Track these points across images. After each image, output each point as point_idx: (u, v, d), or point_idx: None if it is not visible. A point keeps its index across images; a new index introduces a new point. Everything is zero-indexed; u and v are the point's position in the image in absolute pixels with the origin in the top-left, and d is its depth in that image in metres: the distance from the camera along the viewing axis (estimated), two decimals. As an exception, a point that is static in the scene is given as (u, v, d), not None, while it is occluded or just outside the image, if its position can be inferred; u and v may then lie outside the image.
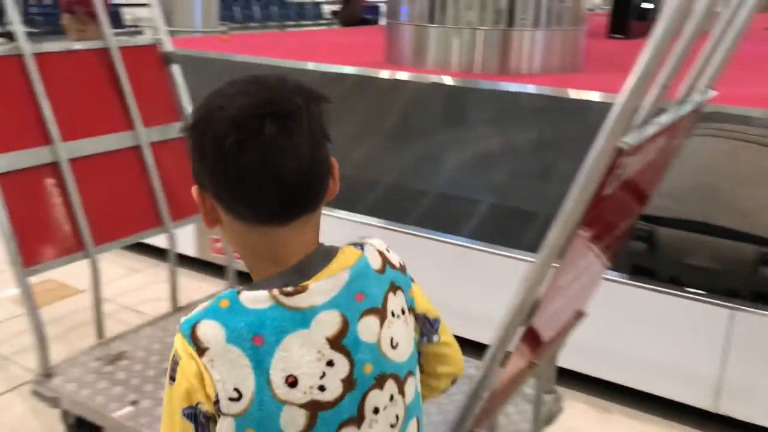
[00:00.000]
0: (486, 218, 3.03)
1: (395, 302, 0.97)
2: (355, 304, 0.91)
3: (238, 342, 0.86)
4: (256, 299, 0.88)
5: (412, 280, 1.04)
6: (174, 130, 2.62)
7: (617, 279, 2.52)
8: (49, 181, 2.24)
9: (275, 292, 0.88)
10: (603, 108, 3.52)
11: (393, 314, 0.96)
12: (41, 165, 2.22)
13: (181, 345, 0.88)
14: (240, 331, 0.86)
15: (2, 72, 2.18)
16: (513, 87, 3.75)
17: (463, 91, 3.92)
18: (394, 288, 0.97)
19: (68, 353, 2.31)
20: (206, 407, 0.88)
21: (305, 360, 0.87)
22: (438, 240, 2.87)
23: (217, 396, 0.86)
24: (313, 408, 0.88)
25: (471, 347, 2.73)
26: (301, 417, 0.88)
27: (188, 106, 2.67)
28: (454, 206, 3.14)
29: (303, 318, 0.88)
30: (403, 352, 0.97)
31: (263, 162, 0.84)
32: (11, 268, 2.12)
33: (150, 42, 2.62)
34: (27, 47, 2.22)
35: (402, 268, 1.02)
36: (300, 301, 0.88)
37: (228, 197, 0.89)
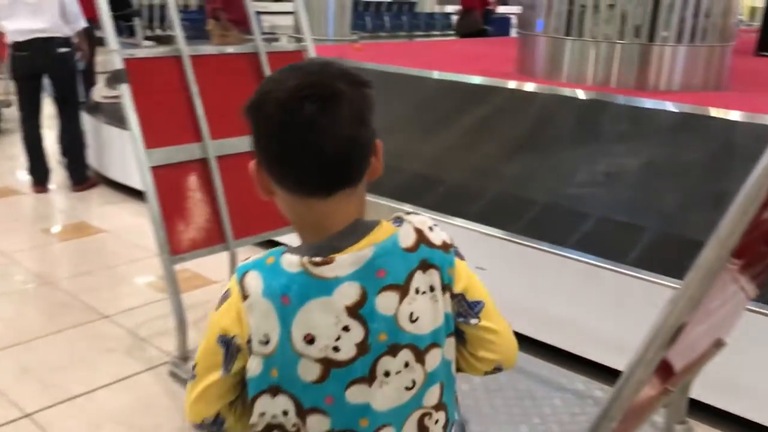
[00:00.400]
0: (615, 236, 2.95)
1: (422, 280, 1.02)
2: (376, 280, 0.99)
3: (271, 297, 0.98)
4: (290, 263, 0.98)
5: (460, 257, 1.08)
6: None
7: (760, 309, 2.39)
8: (197, 176, 2.39)
9: (305, 260, 0.97)
10: (749, 129, 3.37)
11: (417, 291, 1.02)
12: (191, 160, 2.37)
13: (233, 285, 1.01)
14: (273, 288, 0.98)
15: (164, 71, 2.35)
16: (651, 103, 3.63)
17: (598, 105, 3.83)
18: (425, 266, 1.02)
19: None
20: (239, 341, 1.00)
21: (324, 323, 0.97)
22: (563, 256, 2.82)
23: (250, 337, 0.99)
24: (327, 364, 0.99)
25: (594, 368, 2.68)
26: (315, 369, 0.99)
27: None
28: (581, 222, 3.08)
29: (327, 286, 0.97)
30: (424, 326, 1.03)
31: (303, 140, 0.93)
32: (159, 255, 2.27)
33: (296, 49, 2.74)
34: (185, 49, 2.38)
35: (444, 247, 1.05)
36: (326, 271, 0.97)
37: (277, 172, 0.99)
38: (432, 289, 1.03)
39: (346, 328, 0.98)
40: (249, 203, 2.54)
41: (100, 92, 5.16)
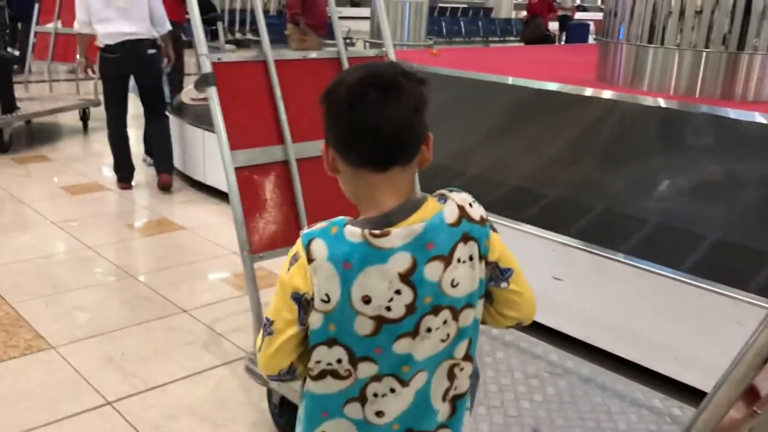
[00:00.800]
0: (699, 251, 2.86)
1: (464, 251, 1.17)
2: (425, 251, 1.14)
3: (334, 262, 1.12)
4: (352, 234, 1.13)
5: (494, 231, 1.23)
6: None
7: None
8: (278, 178, 2.44)
9: (366, 232, 1.12)
10: None
11: (459, 260, 1.17)
12: (273, 162, 2.42)
13: (300, 249, 1.15)
14: (337, 254, 1.12)
15: (249, 75, 2.41)
16: (739, 114, 3.50)
17: (682, 115, 3.73)
18: (466, 238, 1.17)
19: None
20: (308, 297, 1.15)
21: (379, 287, 1.13)
22: (643, 269, 2.75)
23: (313, 295, 1.14)
24: (379, 321, 1.15)
25: (671, 385, 2.61)
26: (369, 325, 1.15)
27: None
28: (663, 235, 3.00)
29: (383, 255, 1.12)
30: (462, 290, 1.19)
31: (365, 120, 1.10)
32: (238, 253, 2.33)
33: (377, 54, 2.76)
34: (271, 54, 2.44)
35: (482, 221, 1.20)
36: (383, 242, 1.12)
37: (343, 147, 1.15)
38: (471, 258, 1.18)
39: (398, 292, 1.13)
40: (327, 205, 2.56)
41: (188, 94, 5.33)
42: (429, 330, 1.19)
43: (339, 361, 1.18)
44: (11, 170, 5.53)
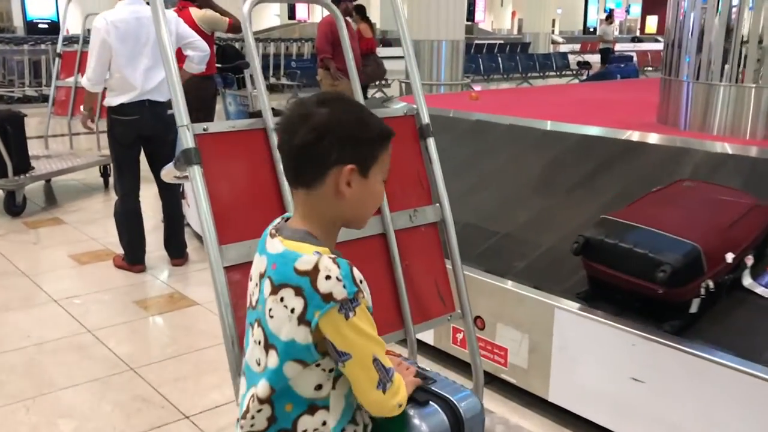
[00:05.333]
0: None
1: (290, 298, 1.29)
2: (270, 268, 1.37)
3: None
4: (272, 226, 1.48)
5: (345, 316, 1.28)
6: (425, 215, 2.23)
7: None
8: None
9: (271, 228, 1.46)
10: None
11: (281, 299, 1.31)
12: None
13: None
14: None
15: (246, 148, 1.93)
16: None
17: (761, 163, 3.15)
18: (297, 291, 1.28)
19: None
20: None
21: (255, 268, 1.45)
22: (753, 375, 2.16)
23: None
24: None
25: None
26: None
27: (441, 185, 2.27)
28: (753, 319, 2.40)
29: (262, 250, 1.44)
30: (274, 326, 1.33)
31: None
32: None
33: (407, 113, 2.27)
34: (271, 120, 1.95)
35: (326, 297, 1.26)
36: (269, 243, 1.43)
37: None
38: (292, 311, 1.28)
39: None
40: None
41: (170, 172, 4.26)
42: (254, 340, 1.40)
43: None
44: (20, 236, 5.15)
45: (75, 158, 6.48)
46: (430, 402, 1.55)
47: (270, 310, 1.31)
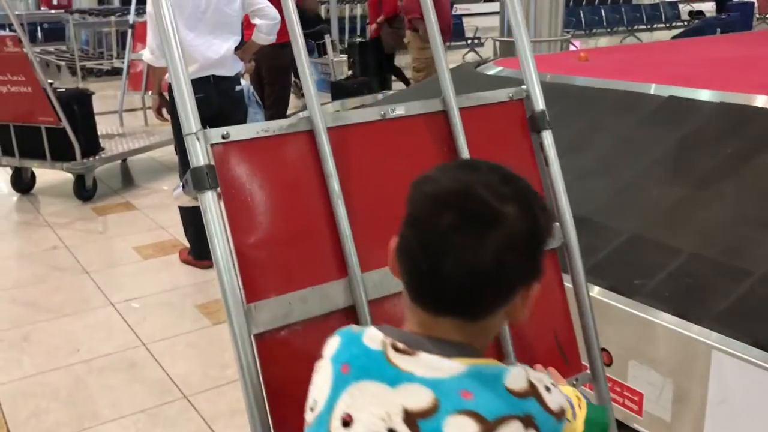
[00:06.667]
0: None
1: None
2: (457, 398, 0.86)
3: (335, 361, 0.95)
4: (372, 338, 0.92)
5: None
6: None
7: None
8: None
9: (388, 340, 0.91)
10: None
11: None
12: (329, 313, 1.35)
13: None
14: (341, 354, 0.95)
15: (284, 160, 1.36)
16: None
17: None
18: (527, 422, 0.87)
19: None
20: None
21: (370, 411, 0.87)
22: None
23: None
24: None
25: None
26: None
27: (563, 196, 1.64)
28: None
29: (395, 376, 0.88)
30: None
31: (426, 249, 0.90)
32: None
33: (514, 96, 1.63)
34: (320, 118, 1.37)
35: (558, 414, 0.92)
36: (403, 361, 0.88)
37: (398, 259, 0.96)
38: None
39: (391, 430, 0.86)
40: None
41: (180, 197, 3.27)
42: None
43: None
44: (87, 225, 4.82)
45: (149, 136, 6.13)
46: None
47: None
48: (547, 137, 1.64)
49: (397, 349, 0.90)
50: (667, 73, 4.08)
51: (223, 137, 1.30)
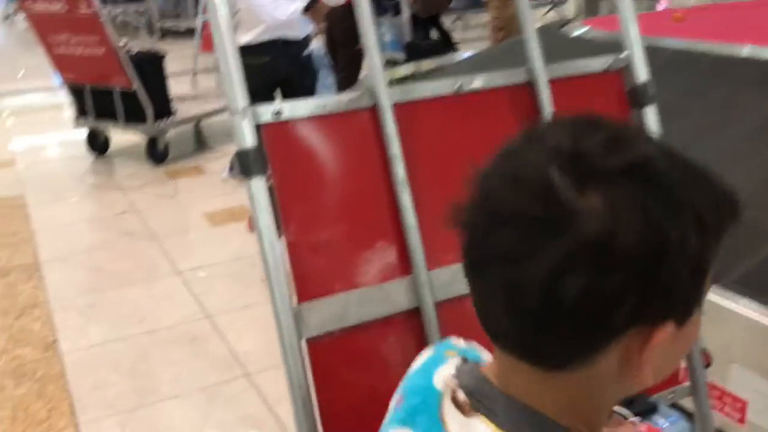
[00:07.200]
0: None
1: None
2: None
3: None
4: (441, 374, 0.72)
5: None
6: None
7: None
8: (401, 347, 1.20)
9: (454, 383, 0.68)
10: None
11: None
12: (392, 315, 1.18)
13: None
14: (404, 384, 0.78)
15: (344, 141, 1.19)
16: None
17: None
18: None
19: None
20: None
21: None
22: None
23: None
24: None
25: None
26: None
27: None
28: None
29: None
30: None
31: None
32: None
33: (612, 67, 1.40)
34: (384, 93, 1.19)
35: None
36: (454, 421, 0.65)
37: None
38: None
39: None
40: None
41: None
42: None
43: None
44: (158, 189, 4.80)
45: (222, 98, 6.06)
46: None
47: None
48: (651, 113, 1.41)
49: (455, 402, 0.66)
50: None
51: (275, 115, 1.13)
